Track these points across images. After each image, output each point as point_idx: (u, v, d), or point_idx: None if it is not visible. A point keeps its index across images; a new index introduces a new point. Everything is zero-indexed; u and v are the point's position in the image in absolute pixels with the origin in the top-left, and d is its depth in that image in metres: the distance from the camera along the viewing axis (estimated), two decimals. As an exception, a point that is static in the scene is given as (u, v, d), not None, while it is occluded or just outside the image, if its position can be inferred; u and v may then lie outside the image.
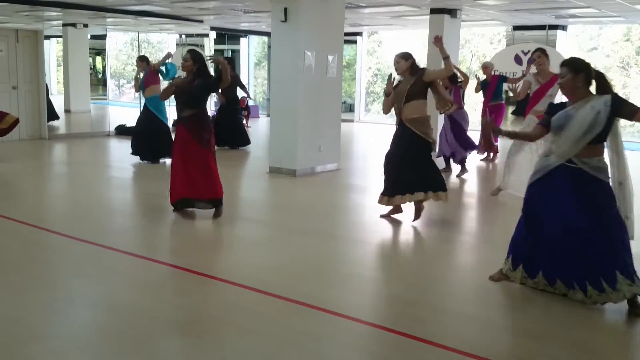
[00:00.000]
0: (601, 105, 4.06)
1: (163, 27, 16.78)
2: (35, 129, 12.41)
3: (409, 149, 6.13)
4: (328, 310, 4.03)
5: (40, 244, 5.55)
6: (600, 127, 4.07)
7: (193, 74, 6.23)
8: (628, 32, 16.76)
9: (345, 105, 18.61)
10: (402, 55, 6.17)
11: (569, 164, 4.16)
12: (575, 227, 4.13)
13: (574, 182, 4.15)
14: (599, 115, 4.04)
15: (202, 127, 6.25)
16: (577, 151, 4.12)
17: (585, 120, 4.07)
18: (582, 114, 4.09)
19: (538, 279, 4.38)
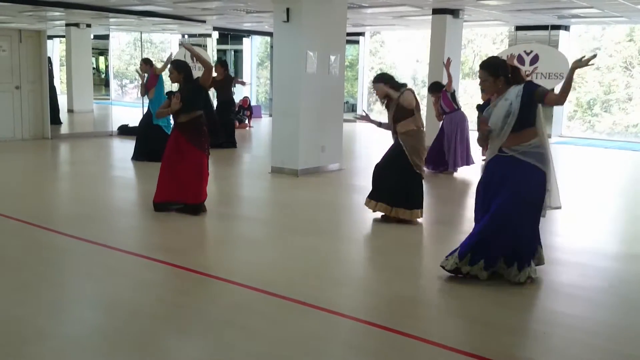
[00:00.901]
0: (512, 95, 4.35)
1: (166, 27, 16.81)
2: (38, 129, 12.43)
3: (394, 160, 6.26)
4: (329, 309, 4.03)
5: (42, 243, 5.57)
6: (515, 115, 4.32)
7: (183, 83, 6.37)
8: (631, 32, 16.73)
9: (347, 105, 18.62)
10: (376, 80, 6.26)
11: (500, 153, 4.48)
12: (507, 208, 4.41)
13: (507, 169, 4.43)
14: (511, 105, 4.33)
15: (198, 132, 6.33)
16: (504, 141, 4.42)
17: (500, 112, 4.38)
18: (498, 108, 4.42)
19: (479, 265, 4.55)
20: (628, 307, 4.35)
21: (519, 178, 4.40)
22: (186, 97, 6.27)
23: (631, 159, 12.65)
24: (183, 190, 6.36)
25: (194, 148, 6.28)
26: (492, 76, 4.45)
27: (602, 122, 17.01)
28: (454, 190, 8.78)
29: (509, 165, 4.44)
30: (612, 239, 6.36)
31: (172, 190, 6.42)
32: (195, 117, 6.31)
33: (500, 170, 4.48)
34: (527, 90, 4.33)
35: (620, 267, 5.34)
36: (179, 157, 6.32)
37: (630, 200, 8.57)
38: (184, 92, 6.30)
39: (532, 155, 4.40)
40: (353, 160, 11.03)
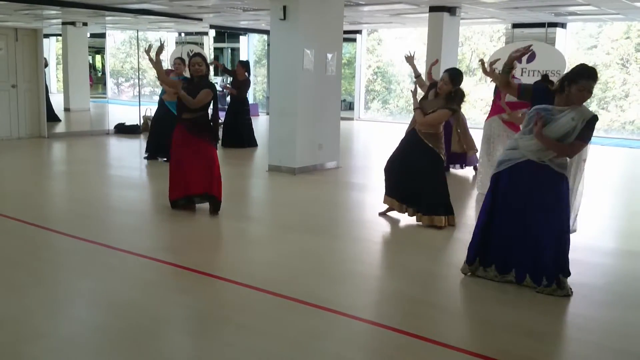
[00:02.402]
0: (579, 119, 4.20)
1: (162, 26, 16.77)
2: (35, 128, 12.41)
3: (417, 160, 6.09)
4: (328, 308, 4.04)
5: (40, 242, 5.56)
6: (573, 137, 4.21)
7: (198, 79, 6.26)
8: (628, 29, 16.74)
9: (344, 103, 18.61)
10: (452, 77, 5.92)
11: (536, 159, 4.31)
12: (532, 221, 4.36)
13: (539, 177, 4.32)
14: (574, 129, 4.20)
15: (202, 129, 6.32)
16: (550, 155, 4.28)
17: (564, 127, 4.21)
18: (564, 121, 4.21)
19: (491, 269, 4.59)
20: (624, 303, 4.36)
21: (558, 196, 4.32)
22: (198, 93, 6.18)
23: (628, 155, 12.68)
24: (192, 181, 6.36)
25: (202, 141, 6.29)
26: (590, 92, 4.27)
27: (599, 119, 17.03)
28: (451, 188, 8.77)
29: (545, 177, 4.31)
30: (608, 236, 6.38)
31: (184, 186, 6.41)
32: (199, 117, 6.28)
33: (534, 181, 4.34)
34: (590, 125, 4.24)
35: (617, 264, 5.36)
36: (187, 152, 6.30)
37: (627, 197, 8.58)
38: (196, 88, 6.20)
39: (564, 167, 4.35)
40: (350, 158, 11.03)
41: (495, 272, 4.57)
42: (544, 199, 4.34)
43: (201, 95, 6.15)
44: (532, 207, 4.37)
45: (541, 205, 4.34)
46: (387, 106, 20.79)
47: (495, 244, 4.56)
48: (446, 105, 5.93)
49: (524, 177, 4.38)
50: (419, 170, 6.10)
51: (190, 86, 6.25)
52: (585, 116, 4.22)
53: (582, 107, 4.28)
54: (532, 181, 4.36)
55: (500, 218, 4.52)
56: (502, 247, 4.54)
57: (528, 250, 4.43)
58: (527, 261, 4.44)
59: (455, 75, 5.97)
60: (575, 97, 4.21)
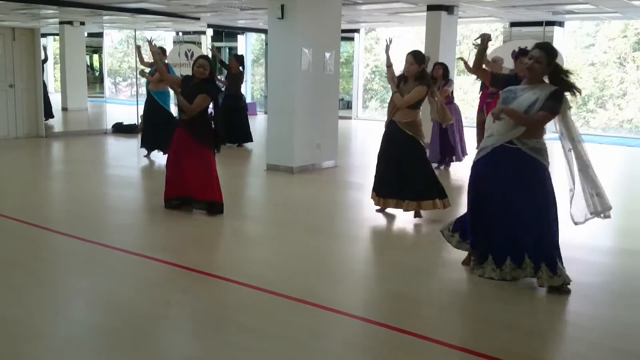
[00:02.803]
0: (541, 94, 4.22)
1: (160, 25, 16.76)
2: (32, 127, 12.38)
3: (400, 150, 6.15)
4: (327, 307, 4.04)
5: (38, 242, 5.55)
6: (534, 111, 4.21)
7: (200, 81, 6.17)
8: (625, 28, 16.76)
9: (342, 102, 18.60)
10: (416, 57, 6.01)
11: (508, 144, 4.33)
12: (511, 204, 4.38)
13: (513, 162, 4.33)
14: (535, 103, 4.21)
15: (201, 131, 6.25)
16: (519, 132, 4.27)
17: (523, 104, 4.24)
18: (524, 97, 4.26)
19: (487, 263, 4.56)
20: (622, 302, 4.36)
21: (536, 179, 4.35)
22: (195, 95, 6.11)
23: (626, 154, 12.69)
24: (191, 186, 6.32)
25: (198, 145, 6.21)
26: (547, 62, 4.27)
27: (597, 118, 17.04)
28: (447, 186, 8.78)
29: (519, 161, 4.34)
30: (606, 234, 6.38)
31: (179, 186, 6.38)
32: (196, 118, 6.20)
33: (509, 163, 4.37)
34: (551, 96, 4.22)
35: (615, 262, 5.36)
36: (185, 153, 6.25)
37: (625, 196, 8.59)
38: (196, 89, 6.13)
39: (540, 153, 4.36)
40: (348, 157, 11.03)
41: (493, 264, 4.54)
42: (519, 182, 4.35)
43: (198, 101, 6.05)
44: (509, 192, 4.39)
45: (518, 189, 4.36)
46: (385, 105, 20.77)
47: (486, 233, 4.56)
48: (418, 81, 6.00)
49: (500, 162, 4.40)
50: (403, 160, 6.15)
51: (188, 87, 6.17)
52: (547, 89, 4.25)
53: (546, 84, 4.31)
54: (507, 166, 4.37)
55: (482, 205, 4.55)
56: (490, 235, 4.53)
57: (510, 235, 4.44)
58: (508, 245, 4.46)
59: (418, 54, 6.07)
60: (526, 67, 4.30)
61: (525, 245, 4.41)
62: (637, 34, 16.75)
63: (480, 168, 4.55)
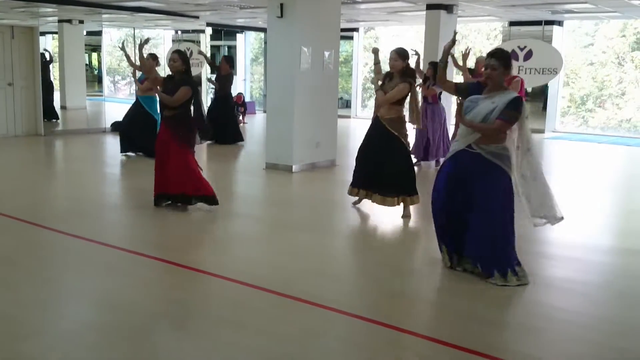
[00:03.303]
0: (500, 101, 4.31)
1: (159, 23, 16.75)
2: (31, 126, 12.37)
3: (381, 146, 6.25)
4: (324, 305, 4.03)
5: (35, 240, 5.54)
6: (493, 118, 4.31)
7: (178, 75, 6.22)
8: (624, 27, 16.76)
9: (341, 101, 18.59)
10: (399, 53, 6.14)
11: (469, 148, 4.44)
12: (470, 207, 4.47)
13: (472, 165, 4.43)
14: (493, 111, 4.30)
15: (182, 126, 6.26)
16: (475, 138, 4.40)
17: (481, 111, 4.35)
18: (482, 106, 4.37)
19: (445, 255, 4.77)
20: (623, 301, 4.37)
21: (490, 184, 4.41)
22: (173, 93, 6.15)
23: (624, 153, 12.70)
24: (172, 182, 6.34)
25: (176, 142, 6.23)
26: (504, 67, 4.38)
27: (596, 117, 17.06)
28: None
29: (478, 165, 4.42)
30: (606, 234, 6.39)
31: (164, 183, 6.41)
32: (179, 113, 6.22)
33: (469, 167, 4.46)
34: (509, 105, 4.30)
35: (615, 262, 5.36)
36: (166, 150, 6.30)
37: (624, 195, 8.60)
38: (176, 86, 6.18)
39: (500, 158, 4.40)
40: (347, 156, 11.00)
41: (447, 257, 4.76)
42: (478, 186, 4.43)
43: (179, 93, 6.09)
44: (468, 194, 4.49)
45: (476, 193, 4.44)
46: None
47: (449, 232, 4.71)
48: (406, 79, 6.09)
49: (461, 165, 4.51)
50: (382, 155, 6.24)
51: (170, 84, 6.23)
52: (506, 99, 4.33)
53: (506, 91, 4.41)
54: (467, 170, 4.47)
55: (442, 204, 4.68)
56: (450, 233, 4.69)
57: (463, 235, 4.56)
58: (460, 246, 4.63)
59: (402, 51, 6.18)
60: (482, 75, 4.48)
61: (477, 251, 4.52)
62: (636, 34, 16.76)
63: (445, 170, 4.68)
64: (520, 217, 4.61)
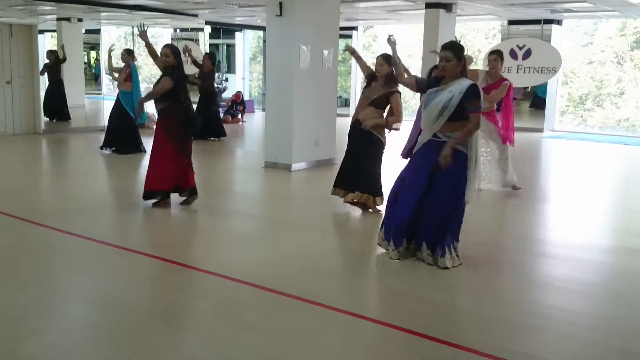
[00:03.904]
0: (457, 90, 4.56)
1: (158, 21, 16.72)
2: (30, 124, 12.35)
3: (359, 145, 6.34)
4: (323, 304, 4.04)
5: (34, 238, 5.54)
6: (451, 110, 4.56)
7: (170, 69, 6.24)
8: (623, 26, 16.76)
9: (340, 99, 18.59)
10: (386, 59, 6.18)
11: (435, 138, 4.68)
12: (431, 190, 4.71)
13: (437, 153, 4.61)
14: (451, 100, 4.53)
15: (172, 119, 6.27)
16: (439, 127, 4.63)
17: (440, 101, 4.57)
18: (441, 96, 4.60)
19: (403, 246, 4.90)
20: (621, 300, 4.37)
21: (453, 168, 4.60)
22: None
23: (623, 152, 12.71)
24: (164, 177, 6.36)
25: (167, 134, 6.25)
26: (456, 58, 4.61)
27: (594, 116, 17.06)
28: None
29: (437, 150, 4.63)
30: (604, 233, 6.39)
31: (155, 179, 6.41)
32: (171, 105, 6.23)
33: (434, 155, 4.64)
34: (468, 95, 4.54)
35: (613, 261, 5.37)
36: (155, 145, 6.37)
37: (623, 194, 8.60)
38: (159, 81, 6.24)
39: (463, 144, 4.64)
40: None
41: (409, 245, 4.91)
42: (443, 171, 4.62)
43: (161, 84, 6.17)
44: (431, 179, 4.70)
45: (439, 176, 4.64)
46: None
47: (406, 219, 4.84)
48: (392, 86, 6.20)
49: (426, 154, 4.73)
50: (359, 154, 6.37)
51: (159, 79, 6.29)
52: (462, 87, 4.55)
53: (460, 79, 4.63)
54: (432, 157, 4.65)
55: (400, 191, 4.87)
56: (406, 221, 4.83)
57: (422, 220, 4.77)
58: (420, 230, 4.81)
59: (389, 57, 6.17)
60: (440, 70, 4.71)
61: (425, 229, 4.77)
62: (635, 33, 16.76)
63: (409, 160, 4.99)
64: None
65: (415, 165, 4.87)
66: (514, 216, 6.72)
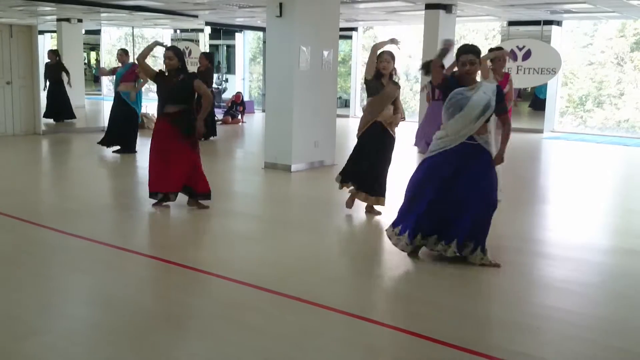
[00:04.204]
0: (490, 91, 4.68)
1: (157, 22, 16.73)
2: (30, 125, 12.36)
3: (383, 149, 6.33)
4: (323, 305, 4.04)
5: (34, 239, 5.54)
6: (492, 109, 4.68)
7: (175, 72, 6.21)
8: (623, 27, 16.77)
9: (340, 100, 18.60)
10: (392, 56, 6.22)
11: (469, 140, 4.72)
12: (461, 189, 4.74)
13: (470, 154, 4.72)
14: (490, 100, 4.62)
15: (188, 122, 6.23)
16: (478, 127, 4.69)
17: (480, 102, 4.61)
18: (478, 97, 4.63)
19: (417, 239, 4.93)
20: (621, 301, 4.37)
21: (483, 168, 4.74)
22: (179, 88, 6.16)
23: (623, 153, 12.71)
24: (176, 179, 6.31)
25: (182, 139, 6.20)
26: (479, 60, 4.75)
27: (594, 117, 17.07)
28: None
29: (476, 153, 4.73)
30: (604, 234, 6.39)
31: (164, 180, 6.34)
32: (184, 110, 6.20)
33: (466, 157, 4.72)
34: (500, 95, 4.71)
35: (613, 262, 5.37)
36: (168, 147, 6.24)
37: (622, 195, 8.61)
38: (178, 83, 6.18)
39: (489, 145, 4.81)
40: (346, 155, 10.92)
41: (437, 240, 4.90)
42: (473, 169, 4.72)
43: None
44: (462, 178, 4.73)
45: (471, 175, 4.73)
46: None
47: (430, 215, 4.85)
48: (397, 83, 6.34)
49: (457, 156, 4.74)
50: (381, 157, 6.36)
51: (164, 81, 6.23)
52: (492, 88, 4.73)
53: (483, 82, 4.80)
54: (464, 158, 4.73)
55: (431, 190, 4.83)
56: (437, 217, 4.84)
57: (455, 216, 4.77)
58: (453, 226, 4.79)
59: (394, 54, 6.32)
60: (460, 71, 4.73)
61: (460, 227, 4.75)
62: (635, 34, 16.77)
63: (435, 160, 4.85)
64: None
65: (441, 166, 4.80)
66: (514, 217, 6.71)
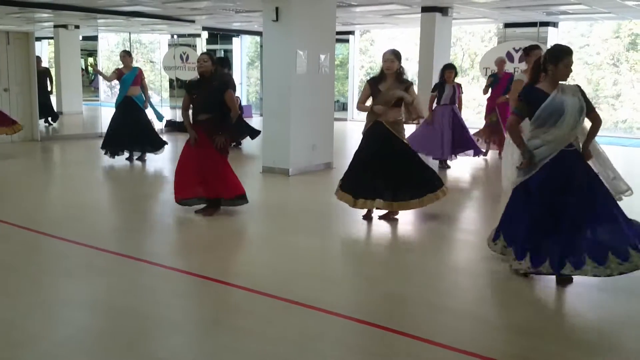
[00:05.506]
0: (577, 93, 4.46)
1: (155, 28, 16.74)
2: (27, 131, 12.35)
3: (389, 150, 6.12)
4: (322, 308, 4.04)
5: (32, 246, 5.53)
6: (585, 111, 4.45)
7: (209, 79, 6.17)
8: (618, 28, 16.82)
9: (338, 104, 18.61)
10: (396, 54, 6.06)
11: (568, 147, 4.45)
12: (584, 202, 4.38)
13: (574, 162, 4.47)
14: (580, 102, 4.41)
15: (219, 129, 6.22)
16: (573, 136, 4.44)
17: (577, 105, 4.39)
18: (573, 101, 4.38)
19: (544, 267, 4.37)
20: (621, 302, 4.37)
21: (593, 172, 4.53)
22: (212, 96, 6.16)
23: (621, 154, 12.72)
24: (210, 186, 6.35)
25: (214, 146, 6.21)
26: None
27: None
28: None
29: (579, 160, 4.51)
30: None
31: (196, 187, 6.36)
32: (215, 116, 6.18)
33: (572, 165, 4.46)
34: (584, 95, 4.51)
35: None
36: (199, 154, 6.24)
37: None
38: (210, 90, 6.16)
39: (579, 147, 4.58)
40: (344, 158, 10.98)
41: (549, 267, 4.35)
42: (585, 178, 4.45)
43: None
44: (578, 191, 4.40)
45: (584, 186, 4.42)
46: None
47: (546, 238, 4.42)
48: (406, 81, 6.08)
49: (561, 166, 4.45)
50: (393, 159, 6.11)
51: (199, 87, 6.20)
52: (574, 88, 4.51)
53: (565, 84, 4.52)
54: (570, 168, 4.45)
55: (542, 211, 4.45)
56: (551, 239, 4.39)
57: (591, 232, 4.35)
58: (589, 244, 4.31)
59: (398, 52, 6.14)
60: (563, 73, 4.45)
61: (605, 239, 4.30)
62: (630, 35, 16.82)
63: (542, 177, 4.48)
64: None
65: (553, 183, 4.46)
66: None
